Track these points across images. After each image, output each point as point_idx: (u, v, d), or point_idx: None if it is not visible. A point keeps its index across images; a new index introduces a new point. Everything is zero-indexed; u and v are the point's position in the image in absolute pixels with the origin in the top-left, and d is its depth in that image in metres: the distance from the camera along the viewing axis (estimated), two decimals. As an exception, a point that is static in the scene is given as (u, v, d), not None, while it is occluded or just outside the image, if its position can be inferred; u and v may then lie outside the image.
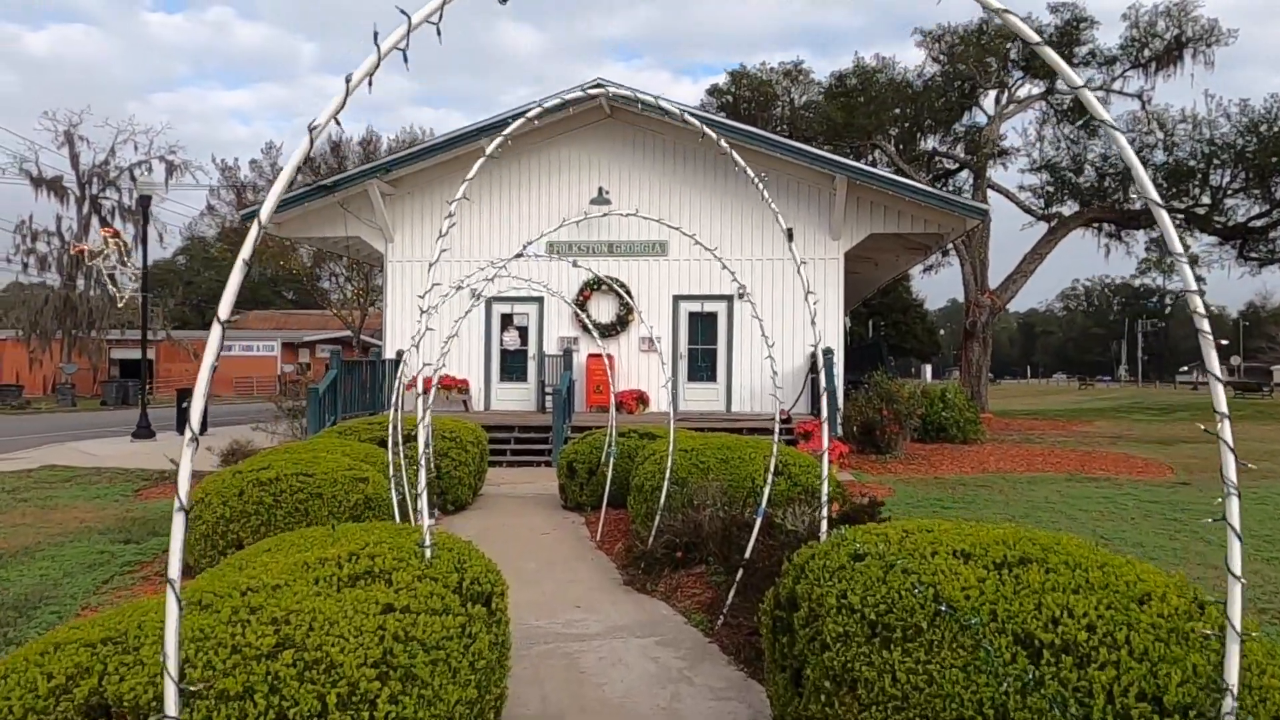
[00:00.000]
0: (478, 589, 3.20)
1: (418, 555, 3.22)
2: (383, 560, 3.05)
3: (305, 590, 2.73)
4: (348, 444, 8.46)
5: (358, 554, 3.08)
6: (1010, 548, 2.87)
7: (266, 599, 2.60)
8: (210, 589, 2.70)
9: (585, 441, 9.88)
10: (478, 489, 10.47)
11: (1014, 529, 3.17)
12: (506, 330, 18.17)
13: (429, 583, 2.99)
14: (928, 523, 3.36)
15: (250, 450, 12.24)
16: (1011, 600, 2.55)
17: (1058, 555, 2.78)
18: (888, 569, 2.84)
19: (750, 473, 6.90)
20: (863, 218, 17.48)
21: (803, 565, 3.27)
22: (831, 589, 2.92)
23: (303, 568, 2.93)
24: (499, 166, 18.33)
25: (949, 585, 2.65)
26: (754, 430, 14.60)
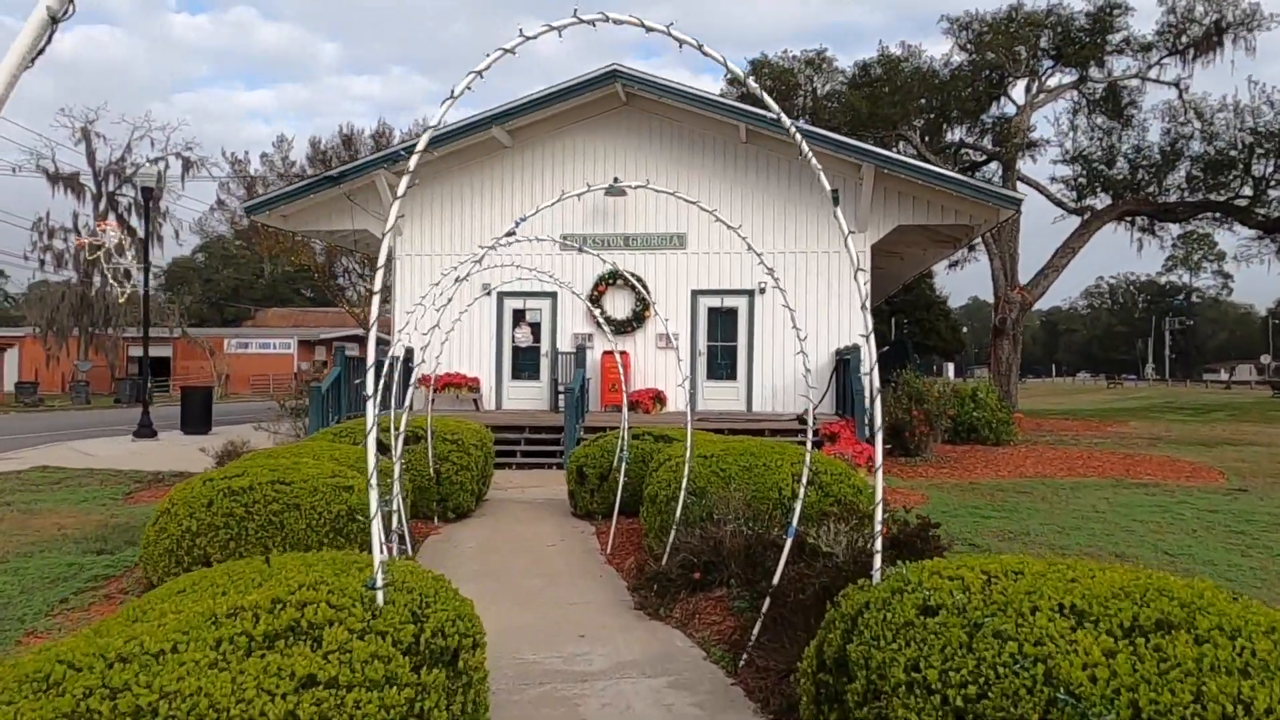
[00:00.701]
0: (440, 644, 2.51)
1: (364, 601, 2.54)
2: (315, 610, 2.37)
3: (200, 657, 2.06)
4: (339, 447, 7.82)
5: (284, 600, 2.40)
6: (1140, 604, 2.15)
7: (138, 673, 1.93)
8: (74, 654, 2.03)
9: (596, 445, 9.20)
10: (482, 494, 9.81)
11: (1133, 573, 2.45)
12: (518, 326, 17.53)
13: (373, 640, 2.31)
14: (1011, 559, 2.64)
15: (246, 451, 11.64)
16: (1158, 686, 1.84)
17: (1208, 616, 2.06)
18: (973, 631, 2.13)
19: (776, 482, 6.19)
20: (890, 209, 16.69)
21: (855, 616, 2.55)
22: (898, 656, 2.21)
23: (208, 622, 2.25)
24: (511, 156, 17.69)
25: (1065, 661, 1.94)
26: (776, 432, 13.88)
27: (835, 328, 16.81)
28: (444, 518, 8.82)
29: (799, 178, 17.01)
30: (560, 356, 17.11)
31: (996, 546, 7.52)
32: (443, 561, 7.03)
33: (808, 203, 16.94)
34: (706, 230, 17.14)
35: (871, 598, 2.59)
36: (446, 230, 17.72)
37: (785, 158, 16.98)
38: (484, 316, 17.62)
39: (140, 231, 47.70)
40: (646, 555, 6.67)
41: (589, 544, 7.81)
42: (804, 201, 16.95)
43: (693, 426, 6.99)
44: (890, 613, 2.40)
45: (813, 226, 16.94)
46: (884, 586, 2.63)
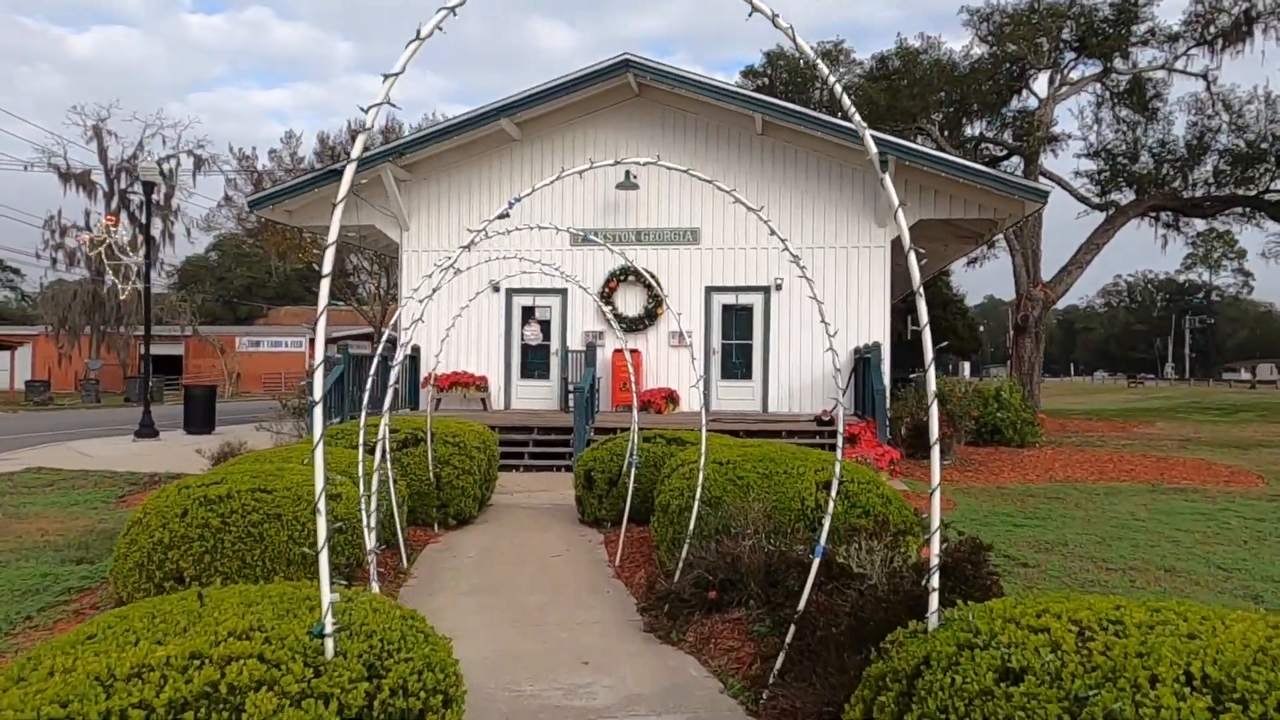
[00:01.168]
0: (399, 706, 2.04)
1: (308, 653, 2.07)
2: (241, 668, 1.90)
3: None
4: (333, 451, 7.36)
5: (204, 656, 1.94)
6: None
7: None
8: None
9: (605, 448, 8.72)
10: (485, 499, 9.35)
11: (1261, 621, 1.94)
12: (527, 324, 17.07)
13: (312, 708, 1.84)
14: (1104, 603, 2.14)
15: (244, 452, 11.22)
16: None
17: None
18: (1075, 709, 1.63)
19: (799, 491, 5.68)
20: (911, 202, 16.12)
21: (912, 675, 2.06)
22: (976, 740, 1.71)
23: (100, 688, 1.78)
24: (520, 150, 17.23)
25: (1214, 763, 1.44)
26: (793, 433, 13.37)
27: (855, 325, 16.27)
28: (445, 524, 8.37)
29: (816, 170, 16.49)
30: (570, 355, 16.65)
31: (1034, 559, 7.00)
32: (439, 574, 6.57)
33: (825, 196, 16.40)
34: (721, 225, 16.64)
35: (932, 651, 2.10)
36: (454, 225, 17.27)
37: (802, 150, 16.46)
38: (492, 314, 17.18)
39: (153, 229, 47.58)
40: (657, 569, 6.19)
41: (596, 554, 7.33)
42: (821, 195, 16.42)
43: (707, 430, 6.51)
44: (960, 675, 1.91)
45: (830, 221, 16.41)
46: (946, 637, 2.14)
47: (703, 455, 5.77)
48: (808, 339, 16.39)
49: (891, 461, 11.91)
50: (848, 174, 16.40)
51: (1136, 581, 6.27)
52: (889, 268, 16.39)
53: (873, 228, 16.31)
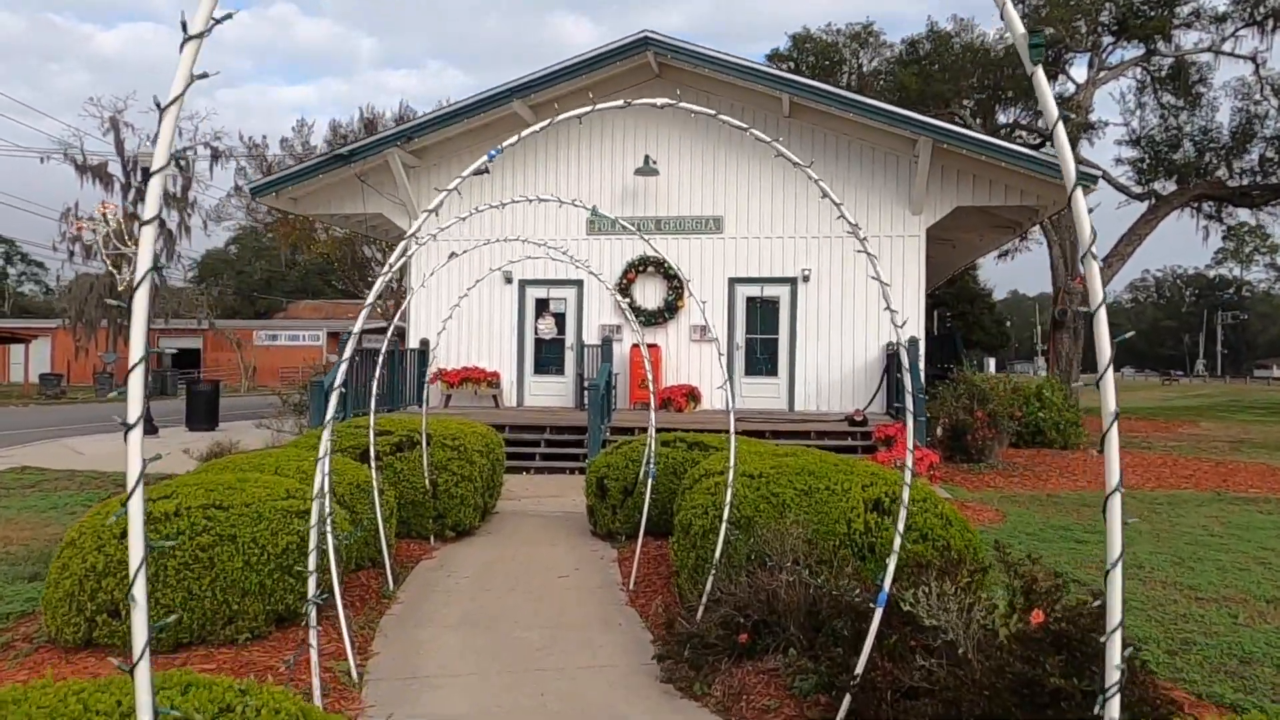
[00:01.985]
0: None
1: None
2: None
3: None
4: (308, 457, 6.57)
5: None
6: None
7: None
8: None
9: (620, 452, 7.88)
10: (489, 507, 8.55)
11: None
12: (541, 317, 16.27)
13: None
14: None
15: (236, 451, 10.50)
16: None
17: None
18: None
19: (844, 512, 4.82)
20: (948, 189, 15.18)
21: None
22: None
23: None
24: (534, 134, 16.37)
25: None
26: (823, 433, 12.49)
27: (886, 319, 15.32)
28: (442, 536, 7.57)
29: (846, 155, 15.56)
30: (586, 349, 15.83)
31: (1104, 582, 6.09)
32: (428, 598, 5.76)
33: (856, 182, 15.47)
34: (745, 213, 15.76)
35: None
36: (465, 213, 16.44)
37: (832, 133, 15.53)
38: (505, 307, 16.40)
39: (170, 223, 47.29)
40: (676, 599, 5.36)
41: (608, 574, 6.50)
42: (852, 181, 15.49)
43: (735, 437, 5.68)
44: None
45: (861, 208, 15.47)
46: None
47: (731, 469, 4.92)
48: (837, 334, 15.48)
49: (931, 465, 11.00)
50: (879, 158, 15.47)
51: (1239, 617, 5.37)
52: (924, 258, 15.44)
53: (906, 215, 15.37)
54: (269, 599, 4.64)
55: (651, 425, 6.89)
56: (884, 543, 4.67)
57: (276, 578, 4.65)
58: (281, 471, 5.88)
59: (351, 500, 6.13)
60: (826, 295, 15.52)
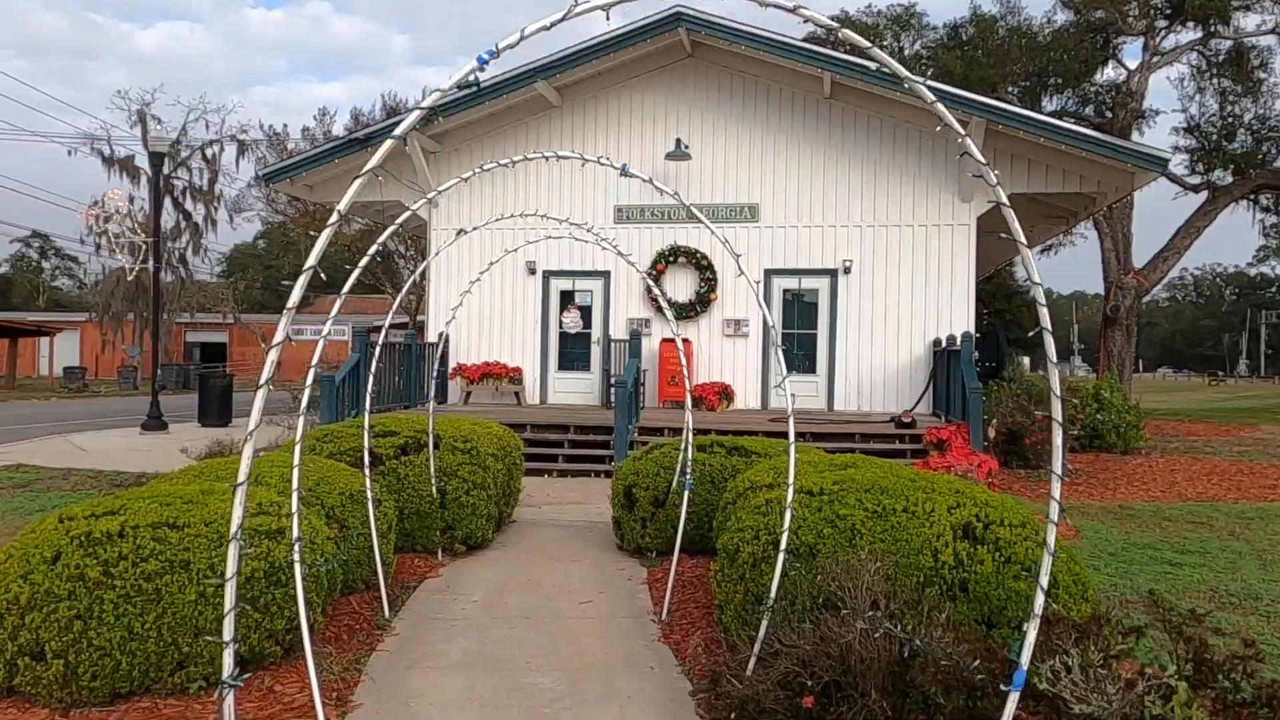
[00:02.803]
0: None
1: None
2: None
3: None
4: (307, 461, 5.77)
5: None
6: None
7: None
8: None
9: (650, 458, 7.03)
10: (504, 516, 7.74)
11: None
12: (566, 310, 15.47)
13: None
14: None
15: (236, 451, 9.79)
16: None
17: None
18: None
19: (928, 540, 3.93)
20: (1000, 174, 14.15)
21: None
22: None
23: None
24: (559, 117, 15.59)
25: None
26: (868, 436, 11.57)
27: (933, 315, 14.39)
28: (451, 550, 6.76)
29: (891, 138, 14.60)
30: (613, 344, 15.00)
31: (1226, 622, 5.16)
32: (428, 629, 4.95)
33: (901, 168, 14.51)
34: (783, 200, 14.84)
35: None
36: (486, 201, 15.72)
37: (875, 115, 14.57)
38: (528, 299, 15.61)
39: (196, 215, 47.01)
40: (719, 639, 4.51)
41: (637, 600, 5.65)
42: (897, 166, 14.53)
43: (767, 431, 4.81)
44: None
45: (907, 196, 14.52)
46: None
47: (790, 486, 4.04)
48: (879, 329, 14.54)
49: (989, 473, 10.05)
50: (927, 142, 14.49)
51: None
52: (974, 249, 14.45)
53: (955, 203, 14.39)
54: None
55: (688, 429, 6.03)
56: (979, 579, 3.79)
57: (239, 613, 3.85)
58: (263, 479, 5.10)
59: (343, 513, 5.33)
60: (869, 288, 14.58)
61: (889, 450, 11.34)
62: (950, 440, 10.66)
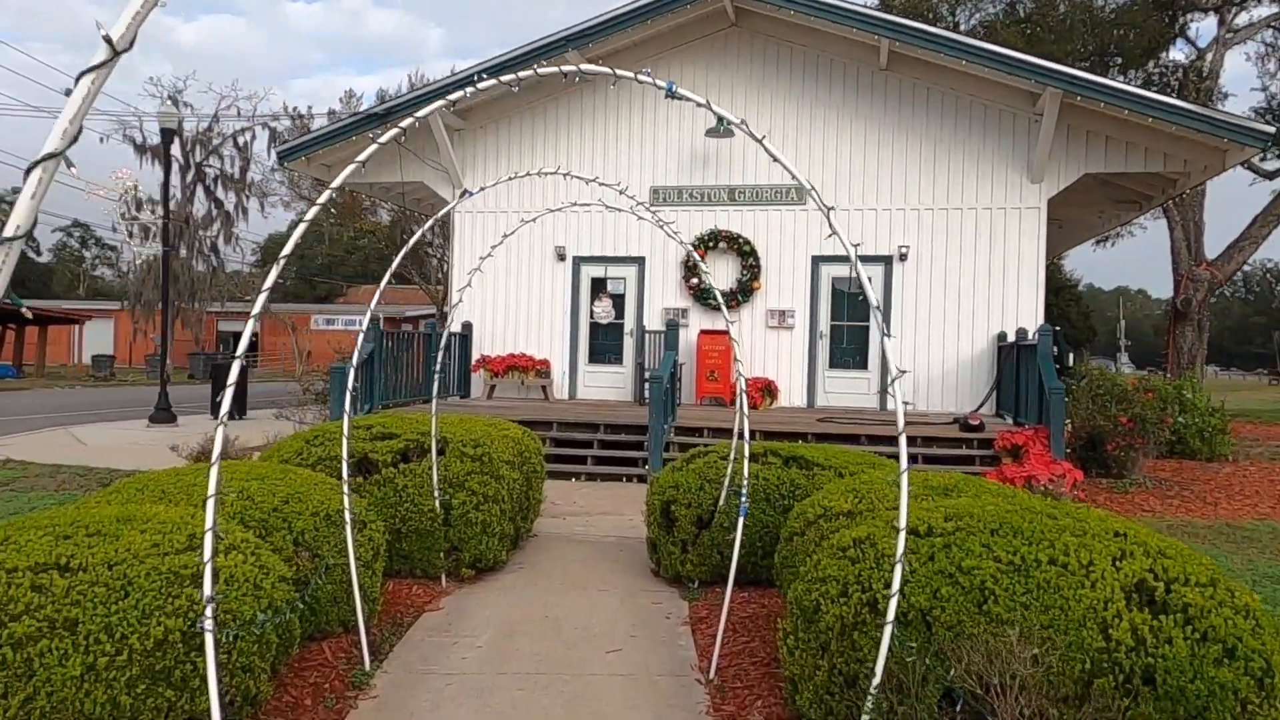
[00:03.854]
0: None
1: None
2: None
3: None
4: (288, 473, 4.79)
5: None
6: None
7: None
8: None
9: (692, 469, 5.95)
10: (522, 532, 6.71)
11: None
12: (597, 299, 14.42)
13: None
14: None
15: (234, 451, 8.86)
16: None
17: None
18: None
19: (1093, 606, 2.81)
20: (1075, 152, 12.89)
21: None
22: None
23: None
24: (591, 93, 14.53)
25: None
26: (931, 441, 10.40)
27: (998, 306, 13.16)
28: (456, 575, 5.74)
29: (953, 113, 13.35)
30: (647, 336, 13.93)
31: None
32: (414, 693, 3.93)
33: (963, 146, 13.27)
34: (833, 180, 13.66)
35: None
36: (513, 182, 14.66)
37: (936, 88, 13.34)
38: (556, 287, 14.58)
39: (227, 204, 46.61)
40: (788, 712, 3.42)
41: (678, 651, 4.58)
42: (959, 144, 13.29)
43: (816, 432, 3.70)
44: None
45: (970, 176, 13.28)
46: None
47: (901, 531, 2.92)
48: (938, 321, 13.33)
49: (1074, 484, 8.85)
50: (993, 117, 13.23)
51: None
52: (1044, 235, 13.18)
53: (1024, 185, 13.12)
54: (131, 728, 2.83)
55: (740, 437, 4.94)
56: (1169, 666, 2.67)
57: (146, 689, 2.85)
58: (234, 499, 4.10)
59: (316, 538, 4.33)
60: (926, 276, 13.37)
61: (955, 457, 10.18)
62: (1027, 446, 9.47)
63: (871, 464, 5.85)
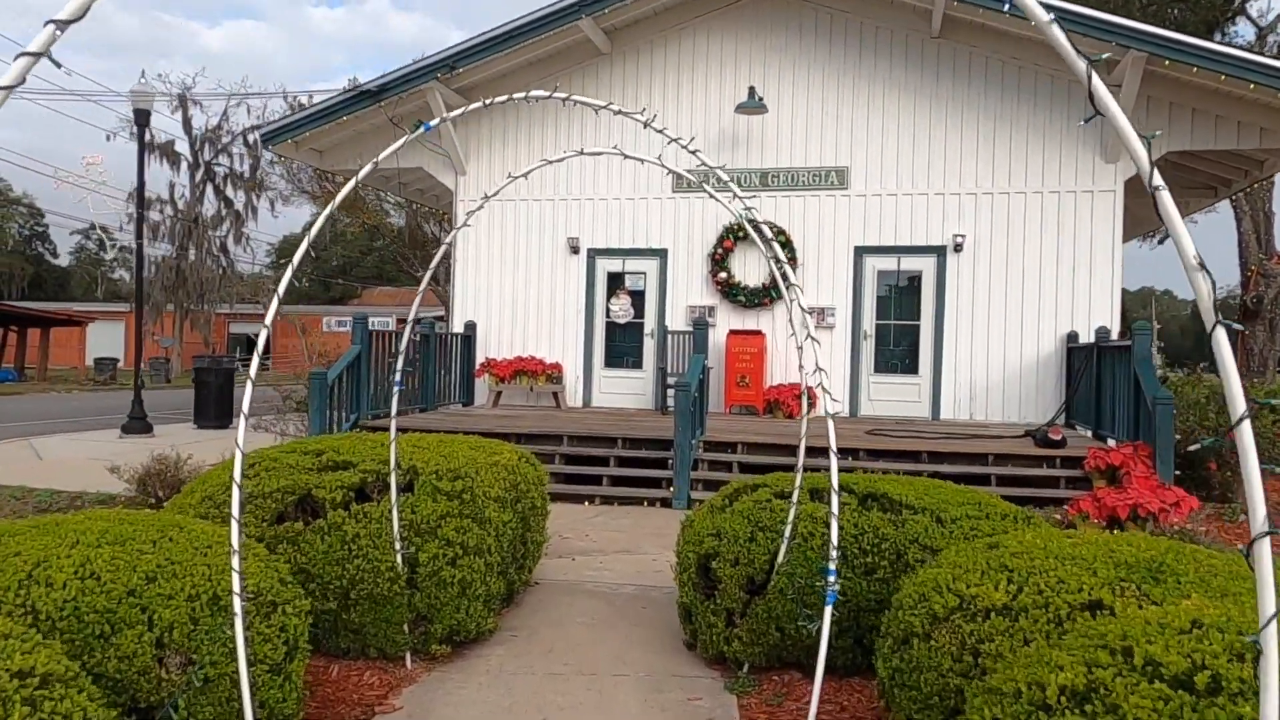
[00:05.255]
0: None
1: None
2: None
3: None
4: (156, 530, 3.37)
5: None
6: None
7: None
8: None
9: (738, 511, 4.49)
10: (518, 584, 5.29)
11: None
12: (615, 296, 13.00)
13: None
14: None
15: (186, 470, 7.50)
16: None
17: None
18: None
19: None
20: (1156, 126, 11.33)
21: None
22: None
23: None
24: (608, 66, 13.12)
25: None
26: (1003, 459, 8.88)
27: (1067, 302, 11.64)
28: (426, 652, 4.32)
29: (1015, 85, 11.84)
30: (670, 336, 12.49)
31: None
32: None
33: (1027, 122, 11.77)
34: (878, 163, 12.18)
35: None
36: (521, 167, 13.30)
37: (996, 58, 11.84)
38: (570, 282, 13.17)
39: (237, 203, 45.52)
40: None
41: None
42: (1022, 120, 11.79)
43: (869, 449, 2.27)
44: None
45: (1034, 156, 11.77)
46: None
47: None
48: (998, 320, 11.83)
49: (1191, 511, 7.32)
50: (1061, 89, 11.71)
51: None
52: (1120, 220, 11.64)
53: (1097, 164, 11.60)
54: None
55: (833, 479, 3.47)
56: None
57: None
58: (47, 556, 2.70)
59: (193, 638, 2.90)
60: (985, 269, 11.87)
61: (1033, 478, 8.66)
62: (1125, 467, 7.94)
63: (977, 505, 4.40)
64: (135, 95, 12.80)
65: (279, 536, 4.27)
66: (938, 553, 4.02)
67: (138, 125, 13.09)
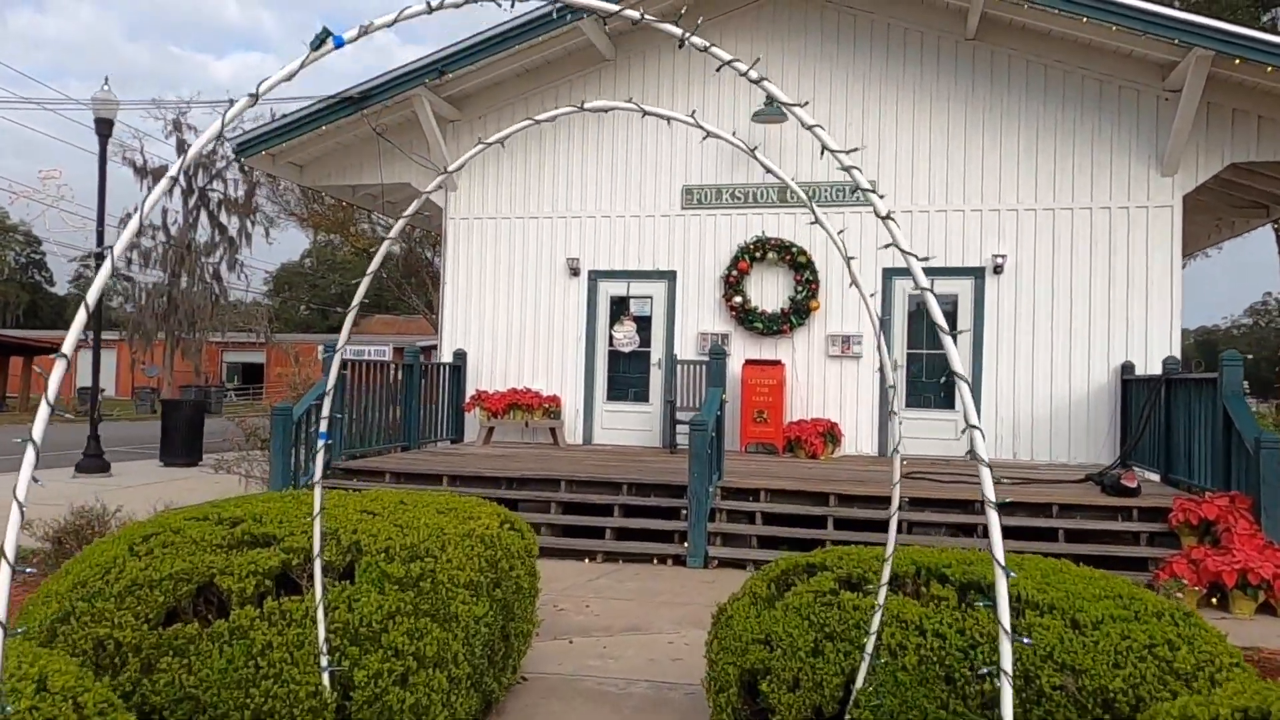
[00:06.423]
0: None
1: None
2: None
3: None
4: None
5: None
6: None
7: None
8: None
9: (792, 608, 3.29)
10: (498, 691, 4.07)
11: None
12: (619, 322, 11.87)
13: None
14: None
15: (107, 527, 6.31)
16: None
17: None
18: None
19: None
20: (1217, 136, 10.28)
21: None
22: None
23: None
24: (613, 73, 12.09)
25: None
26: (1069, 510, 7.68)
27: (1120, 330, 10.50)
28: (364, 808, 3.09)
29: (1060, 91, 10.79)
30: (679, 367, 11.34)
31: None
32: None
33: (1073, 131, 10.70)
34: (909, 177, 11.11)
35: None
36: (518, 184, 12.25)
37: (1038, 60, 10.79)
38: (569, 308, 12.05)
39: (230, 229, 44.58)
40: None
41: None
42: (1066, 128, 10.72)
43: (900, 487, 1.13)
44: None
45: (1082, 169, 10.69)
46: None
47: None
48: (1044, 349, 10.68)
49: (1310, 582, 6.11)
50: (1110, 95, 10.65)
51: None
52: (1179, 239, 10.53)
53: (1152, 177, 10.50)
54: None
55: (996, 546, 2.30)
56: None
57: None
58: None
59: None
60: (1028, 293, 10.74)
61: (1106, 533, 7.45)
62: (1224, 522, 6.73)
63: (1118, 598, 3.22)
64: (97, 103, 11.76)
65: (163, 645, 3.09)
66: (1080, 674, 2.87)
67: (99, 135, 12.03)
